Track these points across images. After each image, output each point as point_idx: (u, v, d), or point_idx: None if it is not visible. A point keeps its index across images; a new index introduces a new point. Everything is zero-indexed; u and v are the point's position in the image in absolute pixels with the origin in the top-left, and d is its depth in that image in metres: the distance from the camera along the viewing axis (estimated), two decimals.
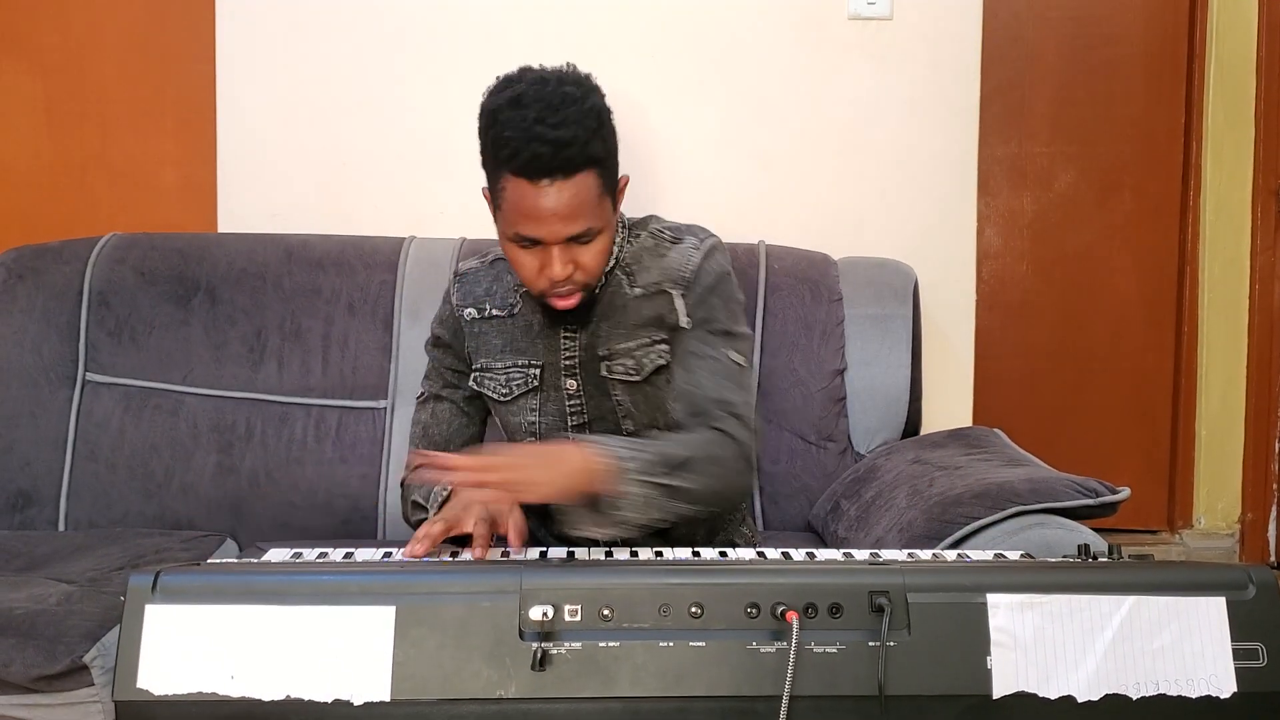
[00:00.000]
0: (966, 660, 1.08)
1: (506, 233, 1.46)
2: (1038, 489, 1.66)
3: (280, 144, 2.46)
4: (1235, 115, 3.08)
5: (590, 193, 1.42)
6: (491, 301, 1.63)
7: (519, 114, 1.39)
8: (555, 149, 1.37)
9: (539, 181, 1.39)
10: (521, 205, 1.41)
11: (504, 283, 1.63)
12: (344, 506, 2.13)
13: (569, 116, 1.39)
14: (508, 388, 1.61)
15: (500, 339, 1.61)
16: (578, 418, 1.61)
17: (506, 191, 1.42)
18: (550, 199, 1.39)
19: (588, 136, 1.40)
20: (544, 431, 1.61)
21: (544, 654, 1.04)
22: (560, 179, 1.39)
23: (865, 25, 2.45)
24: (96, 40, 2.63)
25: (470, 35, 2.44)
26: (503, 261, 1.63)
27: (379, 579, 1.08)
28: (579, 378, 1.59)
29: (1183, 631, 1.09)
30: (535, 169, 1.38)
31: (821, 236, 2.36)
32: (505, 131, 1.40)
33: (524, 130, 1.38)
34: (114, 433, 2.15)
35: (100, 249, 2.24)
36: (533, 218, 1.40)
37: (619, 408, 1.59)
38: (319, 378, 2.18)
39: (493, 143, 1.43)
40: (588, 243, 1.45)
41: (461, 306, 1.64)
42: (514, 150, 1.38)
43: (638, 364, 1.57)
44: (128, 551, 1.91)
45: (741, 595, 1.08)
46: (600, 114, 1.45)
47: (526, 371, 1.60)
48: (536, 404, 1.61)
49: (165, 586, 1.04)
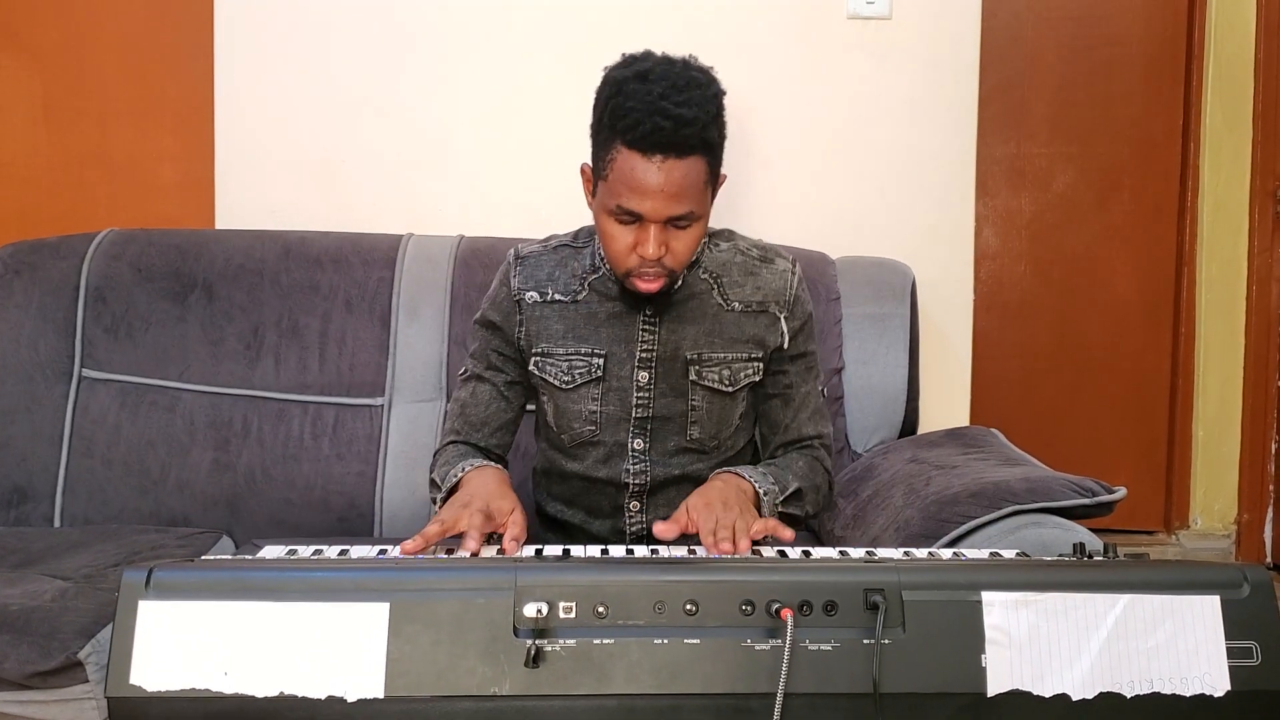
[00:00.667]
0: (961, 658, 1.08)
1: (607, 204, 1.46)
2: (1034, 488, 1.66)
3: (278, 140, 2.45)
4: (1233, 117, 3.09)
5: (698, 178, 1.43)
6: (554, 286, 1.62)
7: (645, 87, 1.41)
8: (676, 125, 1.39)
9: (652, 156, 1.40)
10: (630, 178, 1.41)
11: (567, 269, 1.63)
12: (340, 504, 2.12)
13: (693, 98, 1.41)
14: (570, 375, 1.61)
15: (562, 324, 1.61)
16: (642, 411, 1.61)
17: (616, 162, 1.43)
18: (660, 175, 1.40)
19: (707, 121, 1.42)
20: (603, 422, 1.61)
21: (538, 651, 1.04)
22: (674, 158, 1.40)
23: (864, 25, 2.45)
24: (95, 36, 2.62)
25: (470, 33, 2.44)
26: (566, 248, 1.64)
27: (373, 575, 1.08)
28: (653, 371, 1.60)
29: (1177, 630, 1.09)
30: (651, 143, 1.39)
31: (819, 235, 2.36)
32: (628, 102, 1.41)
33: (648, 104, 1.39)
34: (110, 429, 2.15)
35: (97, 245, 2.23)
36: (639, 191, 1.41)
37: (692, 412, 1.61)
38: (316, 375, 2.17)
39: (612, 112, 1.43)
40: (685, 228, 1.46)
41: (524, 290, 1.62)
42: (634, 121, 1.39)
43: (733, 376, 1.61)
44: (123, 548, 1.90)
45: (736, 593, 1.08)
46: (719, 103, 1.47)
47: (590, 360, 1.60)
48: (599, 394, 1.61)
49: (159, 582, 1.04)
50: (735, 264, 1.62)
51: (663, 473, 1.63)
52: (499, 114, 2.47)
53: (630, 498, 1.65)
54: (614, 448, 1.63)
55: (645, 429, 1.62)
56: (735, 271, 1.62)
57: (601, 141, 1.47)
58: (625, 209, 1.43)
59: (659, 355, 1.60)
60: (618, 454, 1.63)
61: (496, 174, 2.47)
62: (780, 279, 1.62)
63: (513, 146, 2.47)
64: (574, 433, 1.63)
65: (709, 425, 1.63)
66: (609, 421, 1.62)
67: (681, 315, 1.60)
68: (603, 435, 1.62)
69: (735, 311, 1.61)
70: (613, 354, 1.60)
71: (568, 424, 1.63)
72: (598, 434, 1.62)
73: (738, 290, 1.61)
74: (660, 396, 1.61)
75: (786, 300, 1.62)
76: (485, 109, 2.46)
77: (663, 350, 1.60)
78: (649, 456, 1.63)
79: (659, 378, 1.60)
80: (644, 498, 1.65)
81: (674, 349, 1.60)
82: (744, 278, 1.62)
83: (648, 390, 1.60)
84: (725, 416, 1.63)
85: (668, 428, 1.62)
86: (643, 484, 1.63)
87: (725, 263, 1.62)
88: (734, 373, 1.61)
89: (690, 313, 1.60)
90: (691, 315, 1.60)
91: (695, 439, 1.63)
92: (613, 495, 1.65)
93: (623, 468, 1.63)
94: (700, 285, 1.60)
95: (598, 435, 1.62)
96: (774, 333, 1.61)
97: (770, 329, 1.61)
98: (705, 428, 1.62)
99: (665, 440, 1.63)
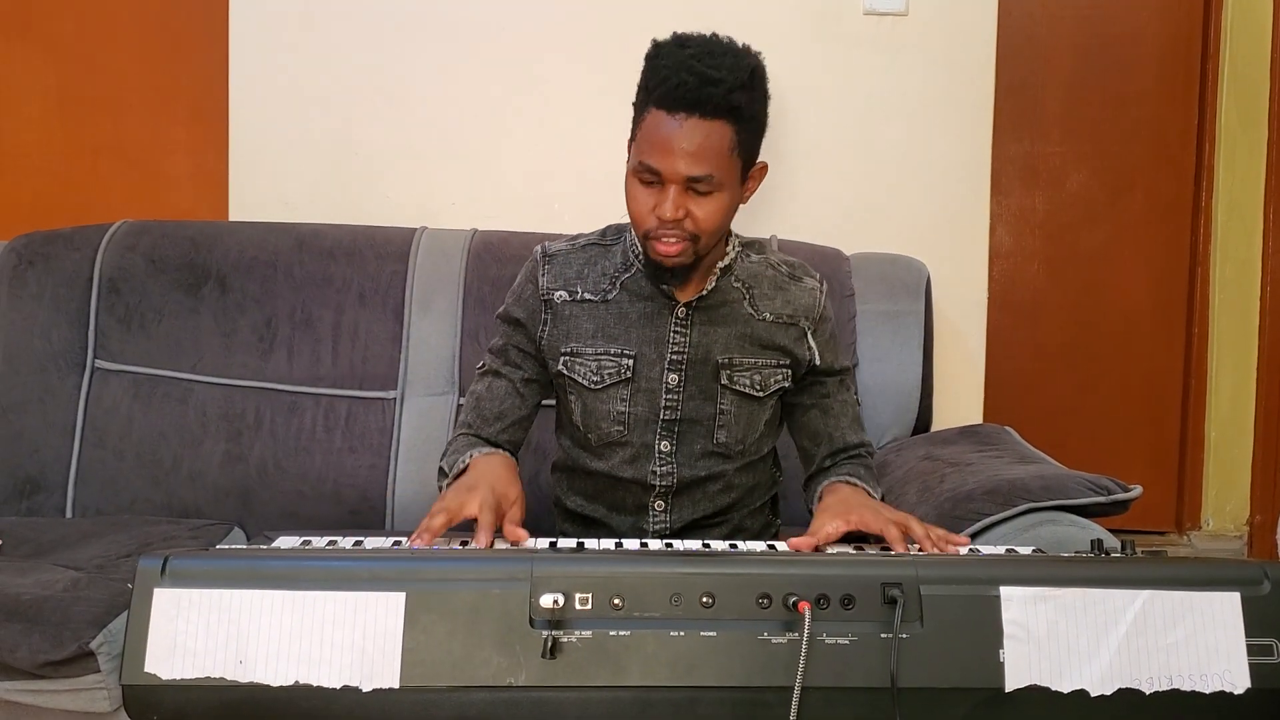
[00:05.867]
0: (979, 653, 1.07)
1: (632, 165, 1.47)
2: (1049, 486, 1.65)
3: (292, 133, 2.46)
4: (1248, 116, 3.06)
5: (721, 143, 1.43)
6: (583, 285, 1.61)
7: (679, 50, 1.44)
8: (700, 83, 1.40)
9: (675, 113, 1.41)
10: (653, 135, 1.43)
11: (596, 267, 1.62)
12: (352, 497, 2.12)
13: (724, 62, 1.42)
14: (599, 375, 1.60)
15: (591, 324, 1.60)
16: (670, 413, 1.61)
17: (645, 122, 1.45)
18: (680, 133, 1.41)
19: (734, 85, 1.42)
20: (631, 423, 1.61)
21: (554, 642, 1.03)
22: (697, 117, 1.40)
23: (880, 21, 2.45)
24: (110, 27, 2.62)
25: (485, 26, 2.44)
26: (595, 246, 1.63)
27: (389, 565, 1.07)
28: (683, 374, 1.59)
29: (1197, 626, 1.08)
30: (676, 99, 1.40)
31: (834, 231, 2.35)
32: (662, 63, 1.43)
33: (678, 63, 1.42)
34: (123, 420, 2.15)
35: (111, 236, 2.23)
36: (659, 148, 1.42)
37: (720, 415, 1.61)
38: (329, 367, 2.17)
39: (647, 75, 1.46)
40: (705, 194, 1.45)
41: (552, 289, 1.61)
42: (662, 79, 1.41)
43: (763, 381, 1.61)
44: (135, 538, 1.90)
45: (753, 585, 1.08)
46: (755, 73, 1.47)
47: (619, 361, 1.59)
48: (627, 394, 1.60)
49: (174, 570, 1.04)
50: (766, 277, 1.63)
51: (689, 474, 1.63)
52: (513, 108, 2.46)
53: (656, 497, 1.64)
54: (641, 449, 1.62)
55: (673, 431, 1.61)
56: (765, 284, 1.62)
57: (638, 107, 1.48)
58: (645, 165, 1.44)
59: (690, 358, 1.59)
60: (644, 455, 1.62)
61: (510, 168, 2.47)
62: (809, 296, 1.63)
63: (527, 140, 2.47)
64: (601, 433, 1.62)
65: (736, 429, 1.62)
66: (637, 423, 1.61)
67: (713, 319, 1.59)
68: (630, 436, 1.61)
69: (766, 321, 1.61)
70: (643, 355, 1.59)
71: (595, 424, 1.62)
72: (625, 435, 1.61)
73: (768, 302, 1.61)
74: (689, 399, 1.60)
75: (814, 317, 1.63)
76: (499, 103, 2.46)
77: (694, 353, 1.59)
78: (675, 459, 1.62)
79: (689, 380, 1.60)
80: (669, 498, 1.64)
81: (705, 352, 1.59)
82: (774, 291, 1.62)
83: (677, 392, 1.60)
84: (753, 421, 1.63)
85: (695, 430, 1.61)
86: (669, 485, 1.63)
87: (757, 274, 1.62)
88: (764, 378, 1.61)
89: (722, 317, 1.59)
90: (723, 319, 1.59)
91: (722, 443, 1.62)
92: (638, 494, 1.65)
93: (649, 469, 1.62)
94: (733, 293, 1.60)
95: (625, 436, 1.61)
96: (801, 346, 1.62)
97: (798, 342, 1.62)
98: (732, 432, 1.62)
99: (692, 443, 1.62)
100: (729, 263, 1.60)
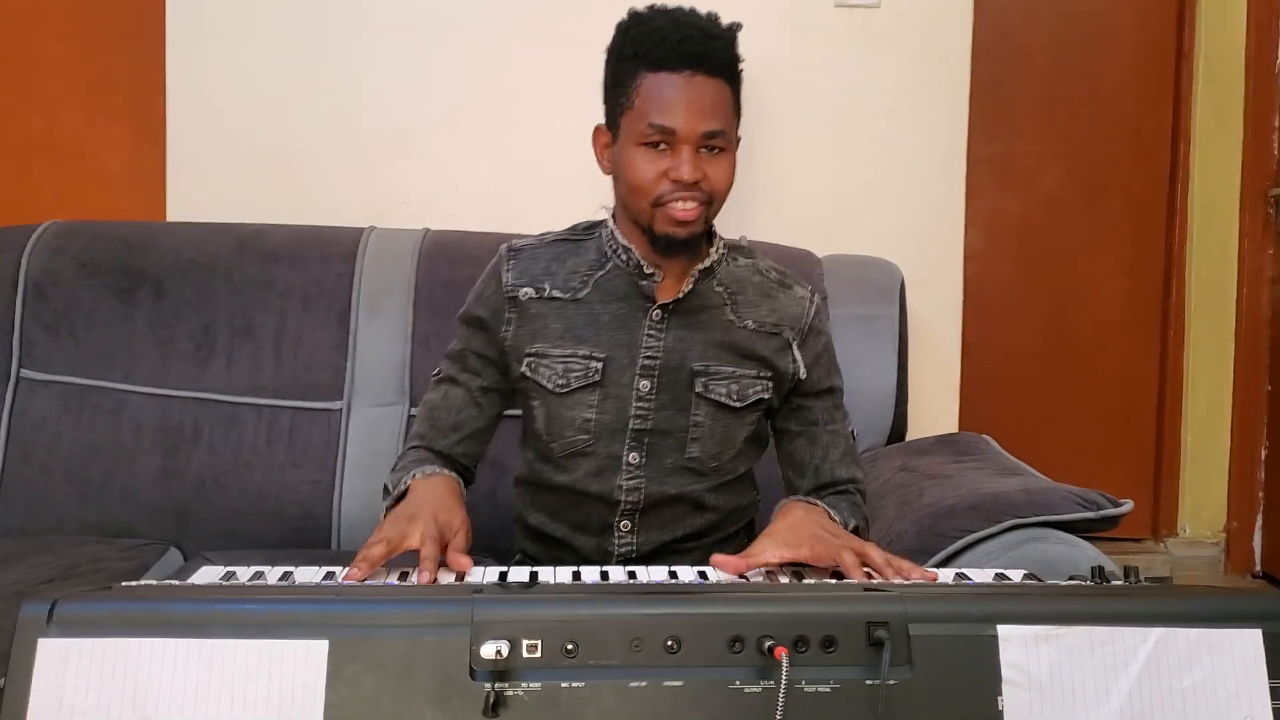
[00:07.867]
0: (975, 700, 0.97)
1: (635, 131, 1.42)
2: (1035, 500, 1.61)
3: (234, 129, 2.43)
4: (1224, 115, 3.07)
5: (727, 103, 1.43)
6: (551, 281, 1.53)
7: (665, 14, 1.44)
8: (705, 36, 1.40)
9: (680, 70, 1.39)
10: (660, 96, 1.40)
11: (566, 264, 1.54)
12: (295, 514, 2.06)
13: (713, 21, 1.44)
14: (565, 379, 1.51)
15: (560, 324, 1.51)
16: (641, 422, 1.51)
17: (642, 88, 1.41)
18: (691, 88, 1.39)
19: (730, 42, 1.44)
20: (598, 431, 1.51)
21: (498, 696, 0.92)
22: (702, 74, 1.40)
23: (852, 13, 2.43)
24: (41, 18, 2.57)
25: (437, 18, 2.40)
26: (564, 242, 1.57)
27: (310, 609, 0.96)
28: (655, 380, 1.50)
29: (1215, 667, 0.99)
30: (680, 54, 1.39)
31: (804, 232, 2.31)
32: (653, 24, 1.42)
33: (673, 21, 1.42)
34: (50, 433, 2.08)
35: (38, 237, 2.17)
36: (670, 107, 1.39)
37: (694, 428, 1.52)
38: (270, 376, 2.11)
39: (634, 41, 1.43)
40: (717, 154, 1.43)
41: (518, 285, 1.53)
42: (660, 38, 1.40)
43: (741, 392, 1.53)
44: (62, 560, 1.83)
45: (723, 627, 0.97)
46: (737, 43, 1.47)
47: (588, 364, 1.50)
48: (595, 400, 1.51)
49: (63, 616, 0.92)
50: (753, 283, 1.56)
51: (657, 491, 1.53)
52: (466, 102, 2.43)
53: (621, 516, 1.54)
54: (607, 460, 1.52)
55: (642, 442, 1.52)
56: (751, 291, 1.55)
57: (622, 79, 1.44)
58: (657, 125, 1.40)
59: (663, 363, 1.50)
60: (611, 468, 1.52)
61: (464, 165, 2.43)
62: (797, 305, 1.57)
63: (481, 136, 2.43)
64: (565, 441, 1.53)
65: (710, 444, 1.53)
66: (604, 431, 1.51)
67: (690, 323, 1.51)
68: (596, 446, 1.52)
69: (747, 330, 1.53)
70: (613, 358, 1.50)
71: (559, 432, 1.53)
72: (591, 444, 1.52)
73: (752, 310, 1.54)
74: (661, 408, 1.51)
75: (800, 328, 1.56)
76: (452, 96, 2.43)
77: (668, 358, 1.50)
78: (644, 472, 1.53)
79: (661, 388, 1.51)
80: (635, 517, 1.55)
81: (680, 358, 1.51)
82: (760, 299, 1.55)
83: (648, 400, 1.51)
84: (729, 436, 1.54)
85: (666, 443, 1.52)
86: (635, 502, 1.53)
87: (742, 280, 1.56)
88: (742, 388, 1.52)
89: (700, 322, 1.51)
90: (701, 324, 1.51)
91: (695, 457, 1.53)
92: (603, 512, 1.55)
93: (615, 483, 1.52)
94: (714, 297, 1.53)
95: (591, 446, 1.52)
96: (785, 359, 1.54)
97: (780, 354, 1.54)
98: (706, 446, 1.53)
99: (663, 457, 1.53)
100: (710, 264, 1.52)
